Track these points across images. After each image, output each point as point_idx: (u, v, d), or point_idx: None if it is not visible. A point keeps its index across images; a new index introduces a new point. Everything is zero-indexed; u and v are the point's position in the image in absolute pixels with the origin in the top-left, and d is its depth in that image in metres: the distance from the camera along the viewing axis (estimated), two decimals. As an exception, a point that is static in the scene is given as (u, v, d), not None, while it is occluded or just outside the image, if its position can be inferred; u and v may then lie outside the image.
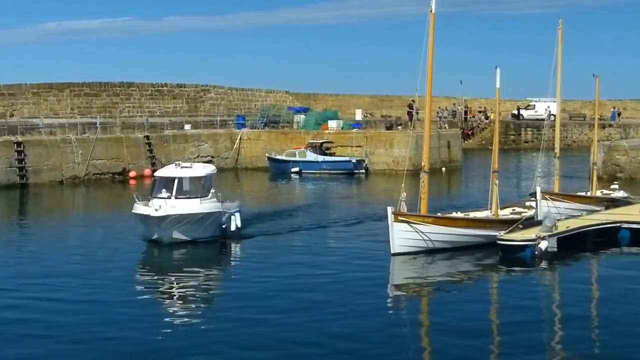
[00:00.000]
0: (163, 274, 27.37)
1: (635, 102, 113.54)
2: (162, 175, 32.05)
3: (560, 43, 39.27)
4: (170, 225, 30.27)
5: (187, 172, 31.75)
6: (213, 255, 31.03)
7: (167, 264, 29.24)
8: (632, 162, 56.30)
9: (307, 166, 61.22)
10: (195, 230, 30.92)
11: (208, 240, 31.31)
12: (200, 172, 32.16)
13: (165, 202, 29.94)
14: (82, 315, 21.57)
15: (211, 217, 31.39)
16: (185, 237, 30.73)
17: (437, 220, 29.81)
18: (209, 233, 31.44)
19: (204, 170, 32.54)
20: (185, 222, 30.48)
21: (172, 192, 30.53)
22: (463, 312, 22.01)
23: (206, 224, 31.31)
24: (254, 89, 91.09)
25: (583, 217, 34.30)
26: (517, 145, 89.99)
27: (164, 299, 24.36)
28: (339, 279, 25.66)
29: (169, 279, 26.75)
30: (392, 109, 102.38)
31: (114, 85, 75.72)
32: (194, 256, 30.18)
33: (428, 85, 30.81)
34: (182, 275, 27.18)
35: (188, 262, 29.54)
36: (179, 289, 25.39)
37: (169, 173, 31.84)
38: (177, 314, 22.27)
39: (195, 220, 30.79)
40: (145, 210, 30.40)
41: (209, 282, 26.84)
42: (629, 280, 25.95)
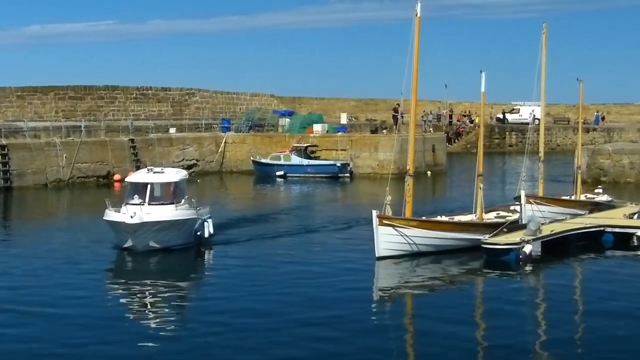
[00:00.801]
0: (137, 282, 26.31)
1: (618, 106, 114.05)
2: (134, 181, 30.93)
3: (545, 47, 39.46)
4: (145, 233, 29.14)
5: (159, 177, 30.66)
6: (189, 263, 30.26)
7: (142, 272, 28.17)
8: (616, 165, 56.55)
9: (292, 170, 61.22)
10: (170, 237, 29.81)
11: (182, 247, 30.31)
12: (173, 178, 31.06)
13: (140, 209, 28.89)
14: (45, 323, 21.13)
15: (186, 224, 30.38)
16: (159, 244, 29.62)
17: (421, 223, 29.83)
18: (183, 240, 30.40)
19: (176, 176, 31.45)
20: (160, 229, 29.38)
21: (145, 198, 29.56)
22: (447, 316, 22.03)
23: (181, 231, 30.21)
24: (239, 93, 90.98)
25: (567, 220, 34.43)
26: (502, 149, 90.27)
27: (137, 308, 23.48)
28: (323, 283, 25.62)
29: (145, 288, 25.69)
30: (377, 113, 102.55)
31: (99, 89, 75.51)
32: (170, 264, 29.21)
33: (413, 89, 30.87)
34: (158, 283, 26.07)
35: (164, 270, 28.46)
36: (155, 297, 24.53)
37: (141, 178, 30.76)
38: (151, 324, 21.48)
39: (170, 227, 29.70)
40: (119, 217, 29.27)
41: (185, 291, 25.96)
42: (612, 283, 26.04)
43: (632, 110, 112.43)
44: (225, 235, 33.58)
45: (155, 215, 29.13)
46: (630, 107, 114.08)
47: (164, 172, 31.32)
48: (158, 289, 25.39)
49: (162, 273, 28.03)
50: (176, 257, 29.83)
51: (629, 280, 26.60)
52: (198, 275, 28.72)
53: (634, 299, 23.90)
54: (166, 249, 29.76)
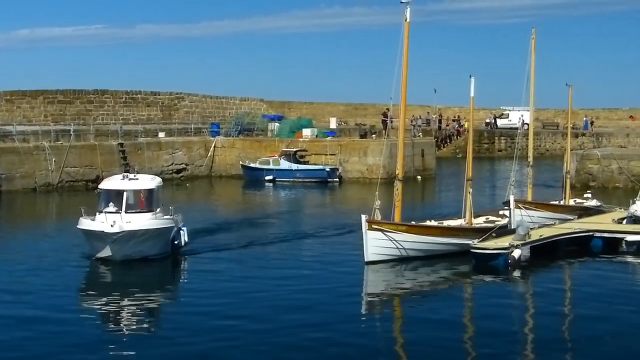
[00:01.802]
0: (114, 293, 25.09)
1: (607, 111, 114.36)
2: (108, 188, 29.50)
3: (534, 52, 39.51)
4: (125, 242, 27.87)
5: (135, 184, 29.44)
6: (170, 272, 29.40)
7: (120, 282, 26.92)
8: (605, 171, 56.67)
9: (281, 174, 61.16)
10: (148, 246, 28.66)
11: (160, 257, 29.25)
12: (150, 184, 29.82)
13: (120, 217, 27.75)
14: (17, 333, 20.71)
15: (165, 233, 29.32)
16: (138, 254, 28.38)
17: (410, 228, 29.83)
18: (161, 249, 29.28)
19: (152, 182, 30.11)
20: (140, 238, 28.18)
21: (122, 206, 28.35)
22: (436, 321, 22.02)
23: (159, 240, 29.10)
24: (228, 97, 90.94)
25: (556, 225, 34.46)
26: (491, 154, 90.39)
27: (113, 321, 22.53)
28: (312, 288, 25.57)
29: (123, 298, 24.52)
30: (366, 117, 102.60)
31: (88, 93, 75.38)
32: (150, 273, 28.34)
33: (402, 93, 30.89)
34: (137, 294, 25.02)
35: (145, 281, 27.37)
36: (134, 308, 23.62)
37: (116, 185, 29.37)
38: (126, 334, 21.03)
39: (150, 236, 28.55)
40: (97, 225, 28.02)
41: (168, 300, 25.14)
42: (601, 288, 26.07)
43: (621, 115, 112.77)
44: (212, 241, 33.24)
45: (136, 224, 28.03)
46: (619, 112, 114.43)
47: (138, 178, 30.01)
48: (137, 299, 24.47)
49: (142, 283, 26.81)
50: (156, 267, 28.89)
51: (617, 285, 26.62)
52: (178, 285, 27.71)
53: (622, 304, 23.91)
54: (144, 259, 28.63)
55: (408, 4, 29.87)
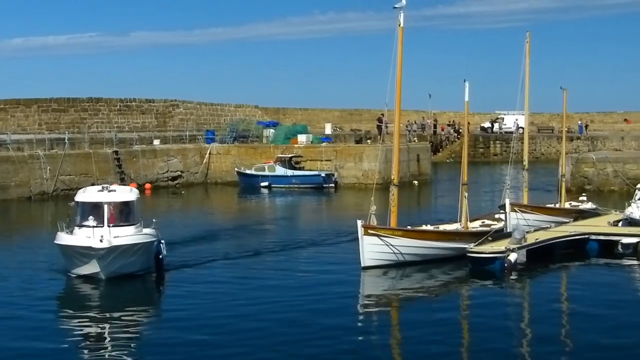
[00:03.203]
0: (101, 312, 23.68)
1: (602, 114, 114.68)
2: (87, 201, 27.62)
3: (528, 56, 39.58)
4: (114, 258, 26.13)
5: (116, 196, 27.72)
6: (160, 289, 27.61)
7: (109, 299, 25.30)
8: (600, 174, 56.75)
9: (277, 180, 61.13)
10: (134, 261, 27.01)
11: (145, 272, 27.76)
12: (130, 196, 28.13)
13: (107, 231, 25.99)
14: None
15: (150, 247, 27.75)
16: (124, 270, 26.66)
17: (407, 233, 29.79)
18: (146, 264, 27.78)
19: (132, 194, 28.40)
20: (128, 254, 26.55)
21: (103, 219, 26.61)
22: (433, 325, 21.98)
23: (145, 254, 27.56)
24: (223, 104, 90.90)
25: (552, 229, 34.47)
26: (486, 158, 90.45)
27: (95, 342, 21.07)
28: (309, 293, 25.54)
29: (109, 320, 22.80)
30: (361, 123, 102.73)
31: (82, 101, 75.26)
32: (138, 291, 26.77)
33: (397, 98, 30.88)
34: (124, 315, 23.33)
35: (132, 299, 25.69)
36: (123, 331, 21.81)
37: (97, 198, 27.47)
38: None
39: (137, 251, 26.96)
40: (82, 241, 26.15)
41: (161, 317, 23.75)
42: (597, 291, 26.06)
43: (616, 118, 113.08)
44: (207, 250, 32.78)
45: (125, 239, 26.42)
46: (614, 116, 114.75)
47: (116, 190, 28.32)
48: (122, 320, 22.81)
49: (128, 301, 25.22)
50: (142, 283, 27.45)
51: (613, 287, 26.64)
52: (167, 301, 25.89)
53: (619, 307, 23.92)
54: (129, 276, 26.96)
55: (402, 9, 29.91)
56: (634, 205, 36.08)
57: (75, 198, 28.34)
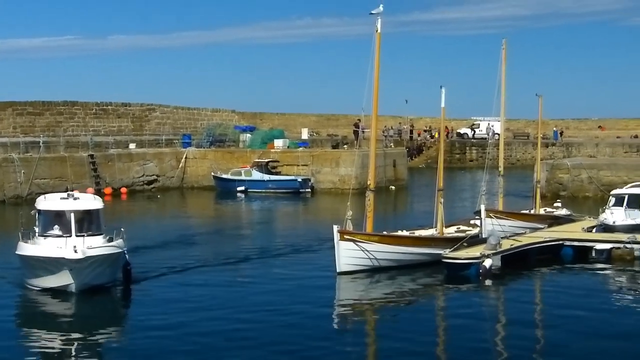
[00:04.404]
0: (68, 329, 22.41)
1: (577, 121, 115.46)
2: (52, 209, 26.31)
3: (504, 63, 39.73)
4: (87, 269, 24.69)
5: (82, 204, 26.53)
6: (131, 301, 26.34)
7: (79, 315, 24.04)
8: (575, 180, 57.11)
9: (253, 185, 61.08)
10: (104, 272, 25.59)
11: (113, 284, 26.55)
12: (97, 204, 26.86)
13: (81, 241, 24.47)
14: None
15: (120, 257, 26.33)
16: (95, 282, 25.27)
17: (382, 238, 29.84)
18: (114, 275, 26.51)
19: (98, 202, 27.18)
20: (101, 265, 25.17)
21: (70, 228, 25.37)
22: (408, 331, 22.02)
23: (115, 265, 26.18)
24: (199, 108, 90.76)
25: (527, 234, 34.63)
26: (462, 164, 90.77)
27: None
28: (284, 299, 25.49)
29: (80, 335, 21.66)
30: (338, 128, 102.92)
31: (58, 104, 74.87)
32: (111, 304, 25.79)
33: (374, 104, 30.93)
34: (94, 329, 22.31)
35: (102, 313, 24.58)
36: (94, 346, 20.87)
37: (62, 206, 26.18)
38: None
39: (108, 261, 25.49)
40: (53, 251, 24.64)
41: (134, 330, 22.40)
42: (572, 296, 26.18)
43: (590, 125, 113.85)
44: (181, 257, 32.38)
45: (99, 249, 24.94)
46: (589, 123, 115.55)
47: (80, 198, 27.26)
48: (93, 334, 21.89)
49: (98, 316, 24.16)
50: (112, 294, 26.26)
51: (587, 293, 26.77)
52: (138, 314, 24.16)
53: (592, 312, 24.06)
54: (98, 288, 25.59)
55: (379, 15, 29.97)
56: (608, 212, 36.34)
57: (37, 206, 26.95)
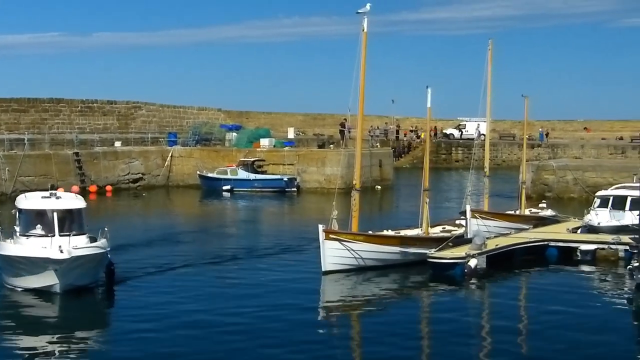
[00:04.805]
0: (53, 332, 21.81)
1: (563, 122, 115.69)
2: (34, 208, 25.86)
3: (490, 64, 39.78)
4: (73, 270, 24.23)
5: (65, 203, 26.10)
6: (115, 302, 25.76)
7: (63, 317, 23.62)
8: (560, 181, 57.26)
9: (239, 184, 60.96)
10: (89, 273, 25.19)
11: (96, 284, 26.04)
12: (80, 204, 26.44)
13: (66, 241, 24.10)
14: None
15: (104, 257, 25.77)
16: (79, 282, 24.85)
17: (368, 238, 29.83)
18: (98, 276, 26.01)
19: (81, 201, 26.74)
20: (87, 265, 24.71)
21: (54, 227, 24.93)
22: (393, 330, 22.03)
23: (99, 265, 25.69)
24: (186, 107, 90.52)
25: (512, 235, 34.72)
26: (448, 164, 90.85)
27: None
28: (269, 299, 25.43)
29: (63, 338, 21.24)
30: (324, 128, 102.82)
31: (43, 101, 74.52)
32: (95, 305, 25.28)
33: (360, 103, 30.93)
34: (78, 332, 21.88)
35: (86, 314, 24.02)
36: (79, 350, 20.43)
37: (45, 205, 25.70)
38: None
39: (92, 261, 25.00)
40: (38, 251, 24.19)
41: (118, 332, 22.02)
42: (556, 297, 26.25)
43: (576, 126, 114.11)
44: (166, 257, 32.18)
45: (85, 249, 24.56)
46: (574, 124, 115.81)
47: (63, 197, 26.76)
48: (77, 337, 21.49)
49: (81, 318, 23.72)
50: (96, 295, 25.85)
51: (571, 293, 26.81)
52: (124, 315, 23.75)
53: (576, 312, 24.12)
54: (83, 288, 25.17)
55: (365, 14, 29.95)
56: (593, 213, 36.43)
57: (17, 205, 26.50)
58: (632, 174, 43.83)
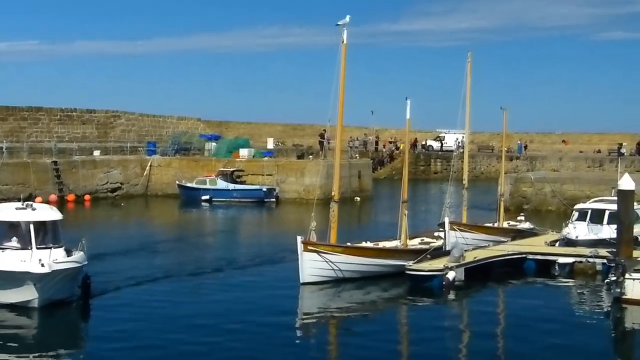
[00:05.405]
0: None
1: (541, 135, 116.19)
2: (8, 220, 24.93)
3: (469, 76, 39.97)
4: (53, 284, 23.65)
5: (41, 215, 25.25)
6: (92, 317, 24.98)
7: (40, 334, 22.89)
8: (538, 194, 57.52)
9: (218, 194, 60.86)
10: (66, 287, 24.53)
11: (71, 299, 25.19)
12: (56, 215, 25.67)
13: (48, 254, 23.57)
14: None
15: (81, 270, 25.15)
16: (57, 296, 24.18)
17: (346, 249, 29.84)
18: (74, 290, 25.22)
19: (56, 213, 25.98)
20: (66, 279, 24.14)
21: (30, 240, 24.15)
22: (371, 343, 22.03)
23: (75, 279, 25.02)
24: (165, 116, 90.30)
25: (490, 247, 34.79)
26: (427, 176, 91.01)
27: None
28: (247, 309, 25.42)
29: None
30: (303, 138, 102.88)
31: (22, 110, 74.11)
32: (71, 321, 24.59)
33: (339, 114, 30.97)
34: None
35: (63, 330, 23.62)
36: None
37: (20, 216, 24.80)
38: None
39: (70, 275, 24.39)
40: (16, 264, 23.45)
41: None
42: (533, 309, 26.32)
43: (554, 139, 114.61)
44: (144, 265, 32.26)
45: (64, 263, 23.92)
46: (552, 137, 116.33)
47: (38, 208, 25.88)
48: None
49: (61, 331, 23.32)
50: (72, 310, 24.89)
51: (549, 307, 26.90)
52: (100, 327, 23.34)
53: (553, 326, 24.17)
54: (60, 302, 24.46)
55: (345, 26, 30.03)
56: (571, 226, 36.56)
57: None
58: (610, 187, 44.02)
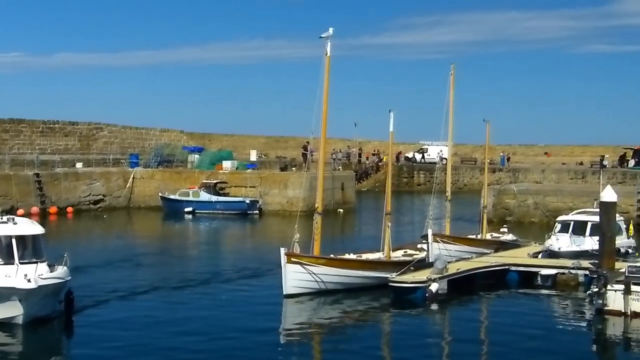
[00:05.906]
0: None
1: (524, 147, 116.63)
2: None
3: (452, 88, 40.08)
4: (37, 300, 23.26)
5: (24, 229, 24.92)
6: (74, 334, 24.54)
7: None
8: (521, 205, 57.67)
9: (201, 206, 60.71)
10: (49, 303, 24.09)
11: (54, 315, 24.65)
12: (38, 229, 25.26)
13: (34, 269, 23.19)
14: None
15: (65, 286, 24.67)
16: (41, 313, 23.77)
17: (329, 261, 29.83)
18: (57, 305, 24.72)
19: (38, 227, 25.55)
20: (50, 294, 23.79)
21: (13, 255, 23.83)
22: (354, 355, 22.00)
23: (59, 295, 24.54)
24: (148, 128, 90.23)
25: (473, 259, 34.86)
26: (410, 188, 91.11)
27: None
28: (230, 321, 25.39)
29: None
30: (287, 150, 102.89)
31: (4, 122, 73.89)
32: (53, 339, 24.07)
33: (322, 126, 30.98)
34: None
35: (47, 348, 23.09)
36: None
37: (2, 231, 24.38)
38: None
39: (54, 291, 23.99)
40: (3, 280, 23.13)
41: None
42: (516, 321, 26.37)
43: (537, 151, 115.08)
44: (126, 278, 32.10)
45: (51, 279, 23.61)
46: (535, 149, 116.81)
47: (18, 222, 25.39)
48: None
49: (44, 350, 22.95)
50: (55, 327, 24.41)
51: (532, 318, 26.95)
52: (83, 344, 22.96)
53: (536, 337, 24.22)
54: (43, 318, 24.00)
55: (328, 38, 30.08)
56: (554, 238, 36.70)
57: None
58: (592, 199, 44.18)
